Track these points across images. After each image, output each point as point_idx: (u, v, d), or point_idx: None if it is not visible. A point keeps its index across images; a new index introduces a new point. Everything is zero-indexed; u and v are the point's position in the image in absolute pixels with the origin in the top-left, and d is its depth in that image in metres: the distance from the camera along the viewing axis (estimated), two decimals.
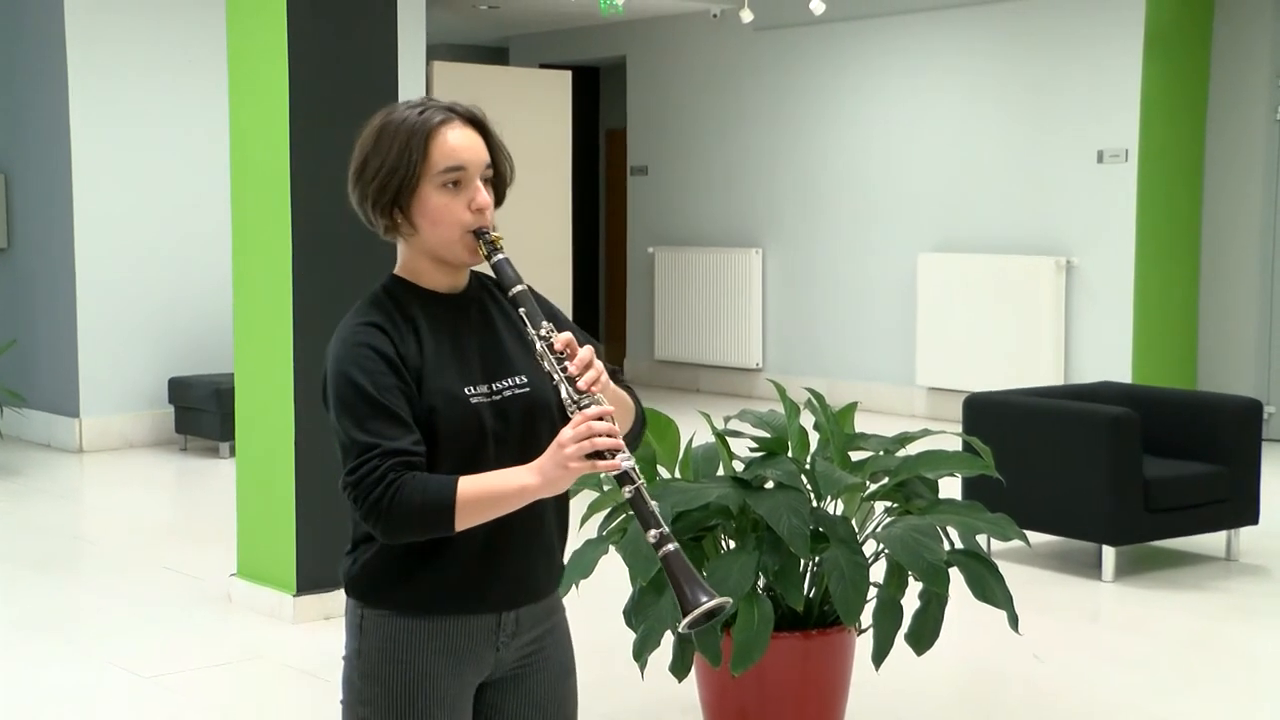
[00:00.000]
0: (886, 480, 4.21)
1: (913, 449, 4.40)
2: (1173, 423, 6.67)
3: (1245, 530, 6.78)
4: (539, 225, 10.95)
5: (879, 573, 4.08)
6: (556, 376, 2.26)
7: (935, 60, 10.83)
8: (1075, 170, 9.98)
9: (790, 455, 4.21)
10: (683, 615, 2.17)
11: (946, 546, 4.04)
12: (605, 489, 4.12)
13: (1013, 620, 3.99)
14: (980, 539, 5.38)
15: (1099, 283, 9.87)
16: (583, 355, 2.27)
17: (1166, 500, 6.28)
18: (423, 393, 2.29)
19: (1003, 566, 4.27)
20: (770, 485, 4.07)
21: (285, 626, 5.66)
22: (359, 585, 2.38)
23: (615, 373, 2.44)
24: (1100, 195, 9.86)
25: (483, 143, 2.36)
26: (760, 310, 11.97)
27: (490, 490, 2.23)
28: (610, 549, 4.10)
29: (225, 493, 7.10)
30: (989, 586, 3.97)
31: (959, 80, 10.69)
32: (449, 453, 2.29)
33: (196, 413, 9.22)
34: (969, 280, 10.41)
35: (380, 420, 2.23)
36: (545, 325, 2.29)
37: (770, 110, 11.90)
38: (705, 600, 2.16)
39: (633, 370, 12.96)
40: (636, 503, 2.22)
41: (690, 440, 4.36)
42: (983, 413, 6.57)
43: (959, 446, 5.85)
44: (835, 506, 4.24)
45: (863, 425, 4.91)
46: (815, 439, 4.35)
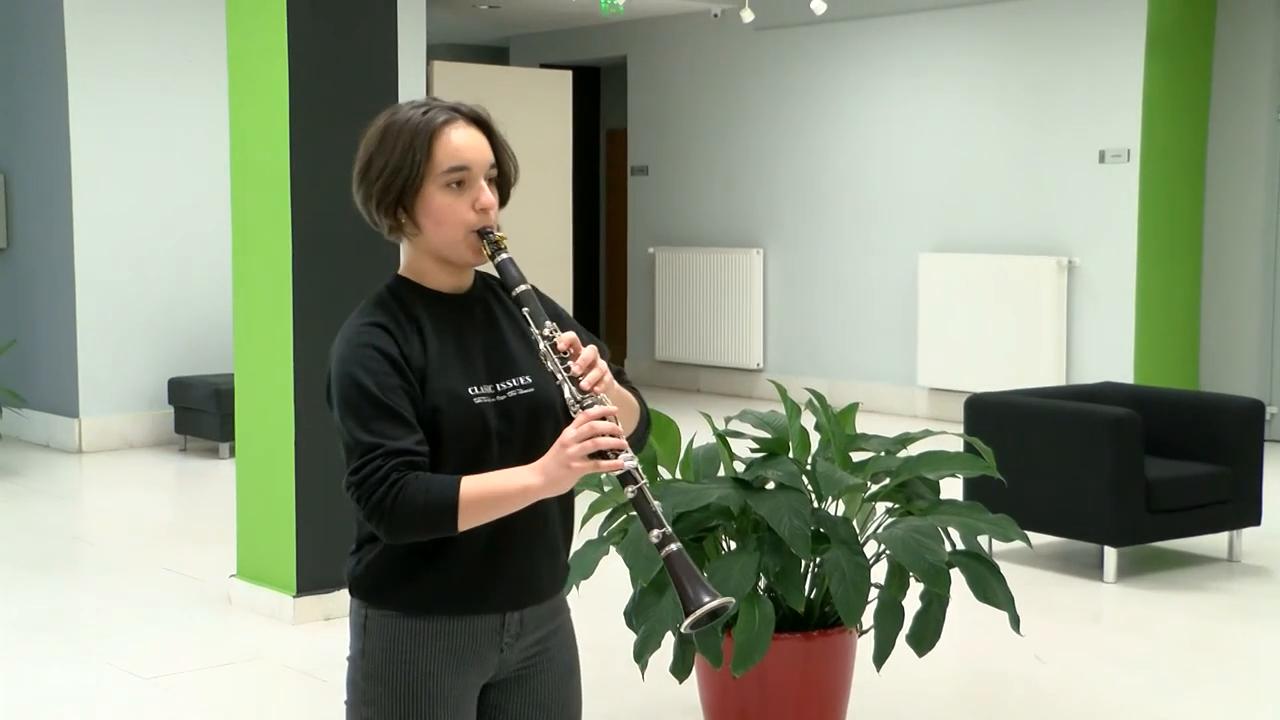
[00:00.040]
0: (888, 481, 4.21)
1: (914, 450, 4.39)
2: (1175, 423, 6.66)
3: (1247, 531, 6.77)
4: (539, 225, 10.94)
5: (880, 574, 4.08)
6: (560, 376, 2.26)
7: (936, 60, 10.82)
8: (1077, 170, 9.97)
9: (791, 456, 4.21)
10: (685, 615, 2.16)
11: (948, 547, 4.03)
12: (606, 489, 4.11)
13: (1014, 621, 3.99)
14: (982, 540, 5.37)
15: (1101, 283, 9.86)
16: (586, 355, 2.27)
17: (1168, 501, 6.27)
18: (426, 393, 2.29)
19: (1004, 567, 4.27)
20: (771, 486, 4.07)
21: (285, 627, 5.65)
22: (363, 585, 2.37)
23: (620, 373, 2.45)
24: (1102, 195, 9.84)
25: (487, 142, 2.36)
26: (761, 310, 11.96)
27: (493, 490, 2.23)
28: (611, 550, 4.09)
29: (225, 493, 7.09)
30: (990, 587, 3.96)
31: (960, 80, 10.68)
32: (453, 453, 2.29)
33: (196, 413, 9.21)
34: (970, 280, 10.40)
35: (384, 420, 2.24)
36: (549, 325, 2.29)
37: (771, 110, 11.89)
38: (708, 600, 2.16)
39: (633, 371, 12.95)
40: (639, 503, 2.22)
41: (691, 441, 4.35)
42: (984, 413, 6.56)
43: (960, 447, 5.84)
44: (836, 507, 4.23)
45: (864, 426, 4.90)
46: (816, 439, 4.35)
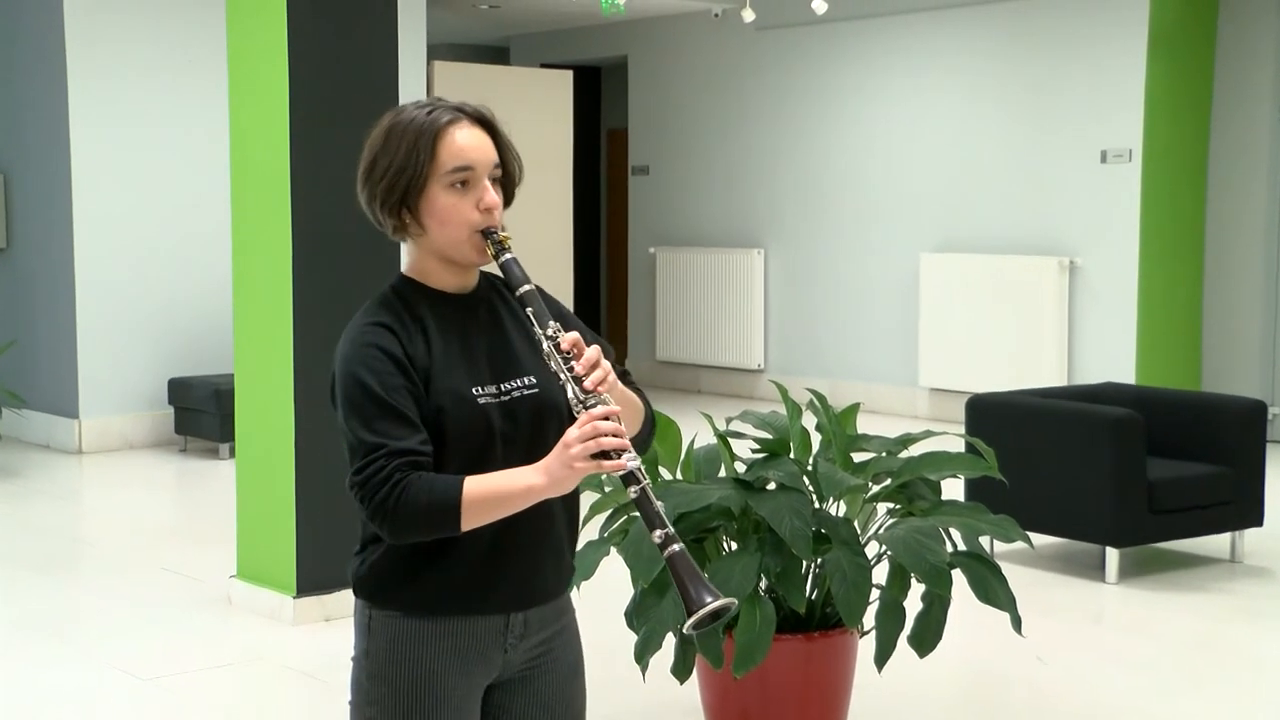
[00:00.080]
0: (889, 481, 4.21)
1: (915, 450, 4.39)
2: (1177, 424, 6.65)
3: (1250, 532, 6.76)
4: (540, 225, 10.93)
5: (881, 574, 4.07)
6: (563, 376, 2.26)
7: (938, 60, 10.81)
8: (1078, 170, 9.96)
9: (792, 456, 4.20)
10: (687, 616, 2.16)
11: (949, 548, 4.03)
12: (607, 490, 4.10)
13: (1016, 622, 3.99)
14: (983, 540, 5.36)
15: (1102, 283, 9.84)
16: (589, 355, 2.26)
17: (1170, 502, 6.26)
18: (430, 393, 2.29)
19: (1006, 568, 4.27)
20: (772, 486, 4.07)
21: (285, 628, 5.64)
22: (366, 586, 2.37)
23: (624, 374, 2.45)
24: (1104, 195, 9.83)
25: (491, 142, 2.36)
26: (762, 311, 11.95)
27: (496, 490, 2.23)
28: (612, 550, 4.08)
29: (225, 494, 7.08)
30: (992, 588, 3.96)
31: (962, 80, 10.66)
32: (457, 453, 2.29)
33: (196, 413, 9.20)
34: (972, 280, 10.39)
35: (387, 420, 2.24)
36: (552, 325, 2.29)
37: (772, 110, 11.88)
38: (710, 601, 2.15)
39: (634, 371, 12.90)
40: (642, 503, 2.22)
41: (692, 441, 4.34)
42: (985, 414, 6.55)
43: (962, 448, 5.83)
44: (837, 508, 4.23)
45: (865, 426, 4.89)
46: (817, 440, 4.34)
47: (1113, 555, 6.29)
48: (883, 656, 3.98)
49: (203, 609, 5.93)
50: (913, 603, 4.02)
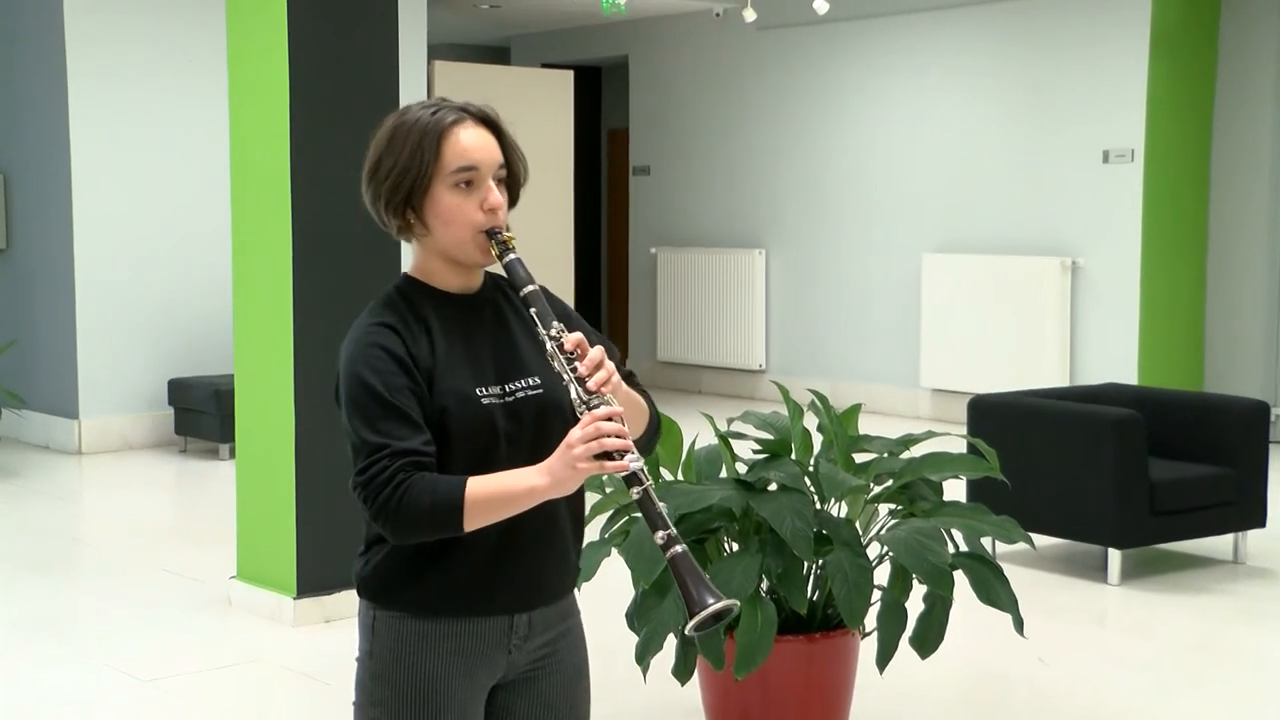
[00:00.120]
0: (890, 482, 4.20)
1: (917, 451, 4.38)
2: (1179, 424, 6.64)
3: (1252, 533, 6.74)
4: (541, 226, 10.92)
5: (883, 575, 4.06)
6: (566, 377, 2.26)
7: (940, 60, 10.80)
8: (1080, 170, 9.94)
9: (794, 457, 4.20)
10: (689, 617, 2.16)
11: (951, 549, 4.03)
12: (608, 491, 4.09)
13: (1018, 623, 3.99)
14: (985, 541, 5.35)
15: (1104, 283, 9.83)
16: (593, 355, 2.26)
17: (1172, 503, 6.25)
18: (434, 393, 2.29)
19: (1007, 569, 4.26)
20: (773, 487, 4.06)
21: (285, 629, 5.63)
22: (370, 586, 2.37)
23: (630, 376, 2.45)
24: (1106, 195, 9.82)
25: (495, 142, 2.36)
26: (763, 311, 11.93)
27: (499, 491, 2.23)
28: (613, 551, 4.07)
29: (225, 494, 7.07)
30: (994, 589, 3.96)
31: (963, 80, 10.65)
32: (460, 453, 2.29)
33: (196, 414, 9.19)
34: (973, 281, 10.38)
35: (391, 421, 2.24)
36: (556, 325, 2.29)
37: (773, 110, 11.87)
38: (712, 602, 2.15)
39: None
40: (644, 504, 2.21)
41: (693, 442, 4.34)
42: (987, 414, 6.53)
43: (963, 448, 5.83)
44: (839, 509, 4.22)
45: (866, 427, 4.89)
46: (819, 441, 4.33)
47: (1115, 556, 6.28)
48: (884, 658, 3.97)
49: (202, 610, 5.92)
50: (914, 604, 4.01)
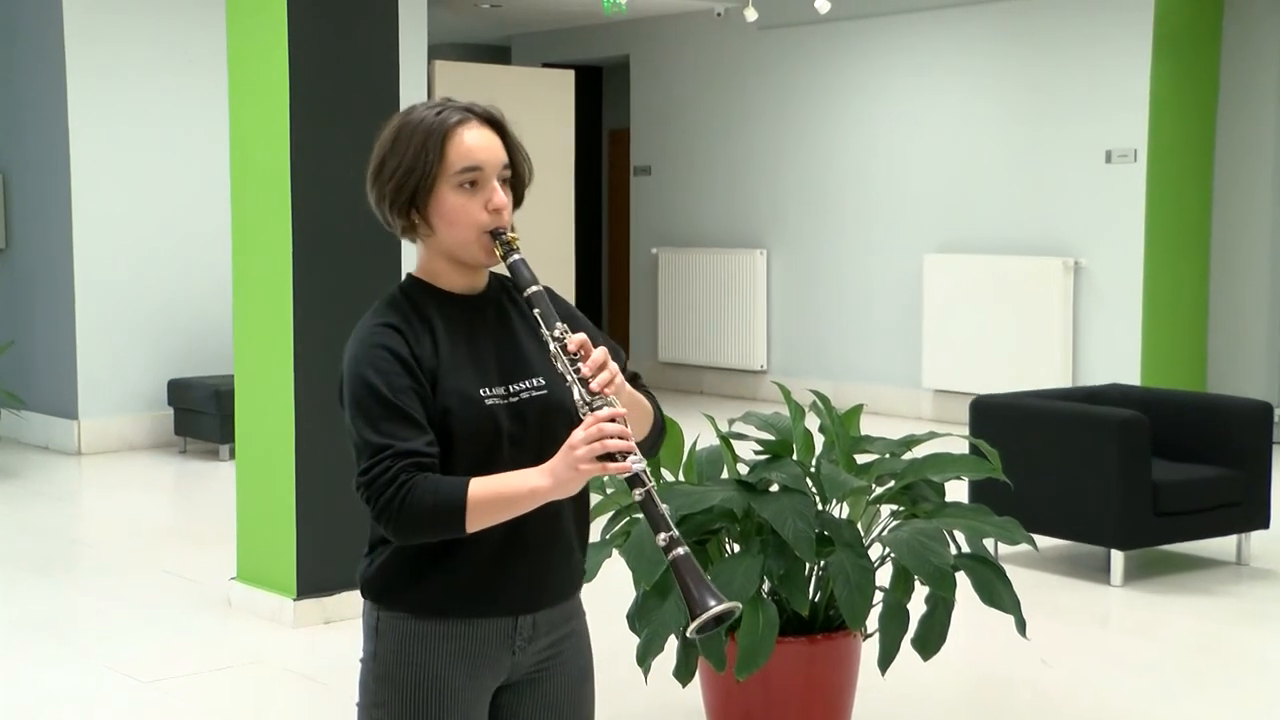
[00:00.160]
0: (892, 483, 4.20)
1: (919, 452, 4.38)
2: (1182, 425, 6.62)
3: (1256, 534, 6.72)
4: (541, 226, 10.91)
5: (885, 577, 4.06)
6: (569, 378, 2.26)
7: (942, 59, 10.78)
8: (1083, 170, 9.92)
9: (795, 458, 4.19)
10: (691, 619, 2.16)
11: (953, 550, 4.03)
12: (609, 492, 4.08)
13: (1020, 625, 3.99)
14: (987, 543, 5.35)
15: (1107, 284, 9.81)
16: (596, 357, 2.26)
17: (1176, 504, 6.23)
18: (437, 394, 2.29)
19: (1010, 571, 4.26)
20: (775, 488, 4.06)
21: (285, 631, 5.62)
22: (374, 587, 2.37)
23: (635, 378, 2.46)
24: (1108, 195, 9.80)
25: (500, 143, 2.36)
26: (765, 312, 11.92)
27: (502, 492, 2.23)
28: (614, 552, 4.06)
29: (225, 495, 7.06)
30: (996, 591, 3.96)
31: (965, 79, 10.63)
32: (464, 454, 2.29)
33: (196, 415, 9.17)
34: (975, 281, 10.36)
35: (394, 421, 2.24)
36: (559, 326, 2.29)
37: (775, 110, 11.85)
38: (714, 604, 2.15)
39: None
40: (647, 505, 2.21)
41: (694, 443, 4.33)
42: (990, 415, 6.52)
43: (965, 449, 5.81)
44: (841, 510, 4.22)
45: (868, 428, 4.88)
46: (820, 442, 4.33)
47: (1118, 558, 6.26)
48: (886, 659, 3.96)
49: (202, 611, 5.90)
50: (916, 605, 4.01)
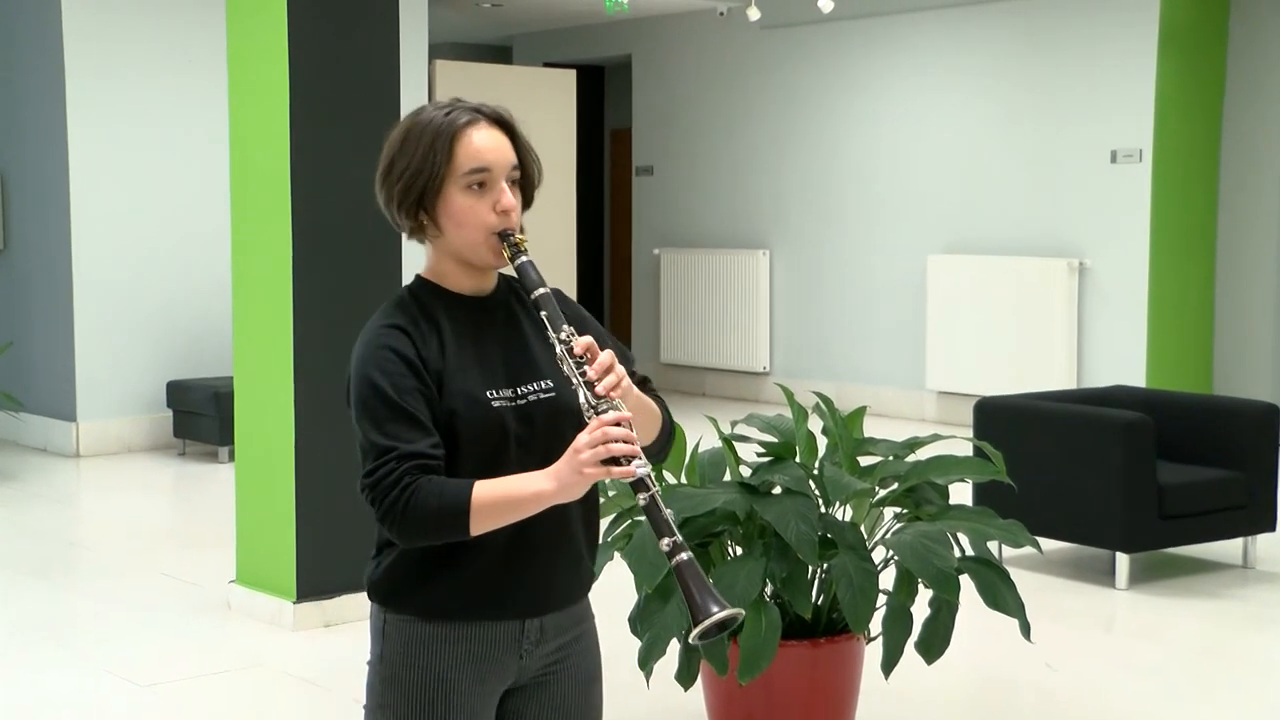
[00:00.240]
0: (896, 486, 4.20)
1: (922, 454, 4.38)
2: (1188, 427, 6.59)
3: (1262, 537, 6.69)
4: (542, 226, 10.88)
5: (888, 580, 4.05)
6: (575, 381, 2.25)
7: (945, 59, 10.76)
8: (1088, 170, 9.89)
9: (798, 460, 4.19)
10: (693, 625, 2.15)
11: (957, 553, 4.03)
12: (611, 494, 4.06)
13: (1024, 628, 3.98)
14: (991, 545, 5.32)
15: (1112, 285, 9.78)
16: (602, 360, 2.26)
17: (1181, 506, 6.20)
18: (444, 395, 2.29)
19: (1014, 573, 4.27)
20: (778, 491, 4.06)
21: (285, 634, 5.60)
22: (380, 589, 2.37)
23: (644, 381, 2.45)
24: (1114, 196, 9.77)
25: (509, 144, 2.36)
26: (767, 313, 11.89)
27: (505, 495, 2.22)
28: (616, 555, 4.05)
29: (224, 498, 7.04)
30: (1000, 594, 3.96)
31: (969, 79, 10.61)
32: (470, 456, 2.29)
33: (195, 417, 9.14)
34: (979, 282, 10.33)
35: (399, 423, 2.24)
36: (566, 329, 2.29)
37: (777, 109, 11.83)
38: (717, 611, 2.14)
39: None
40: (651, 510, 2.21)
41: (697, 445, 4.33)
42: (994, 417, 6.51)
43: (969, 451, 5.79)
44: (844, 512, 4.22)
45: (872, 430, 4.88)
46: (824, 444, 4.33)
47: (1123, 560, 6.23)
48: (890, 662, 3.95)
49: (201, 614, 5.88)
50: (920, 608, 4.00)
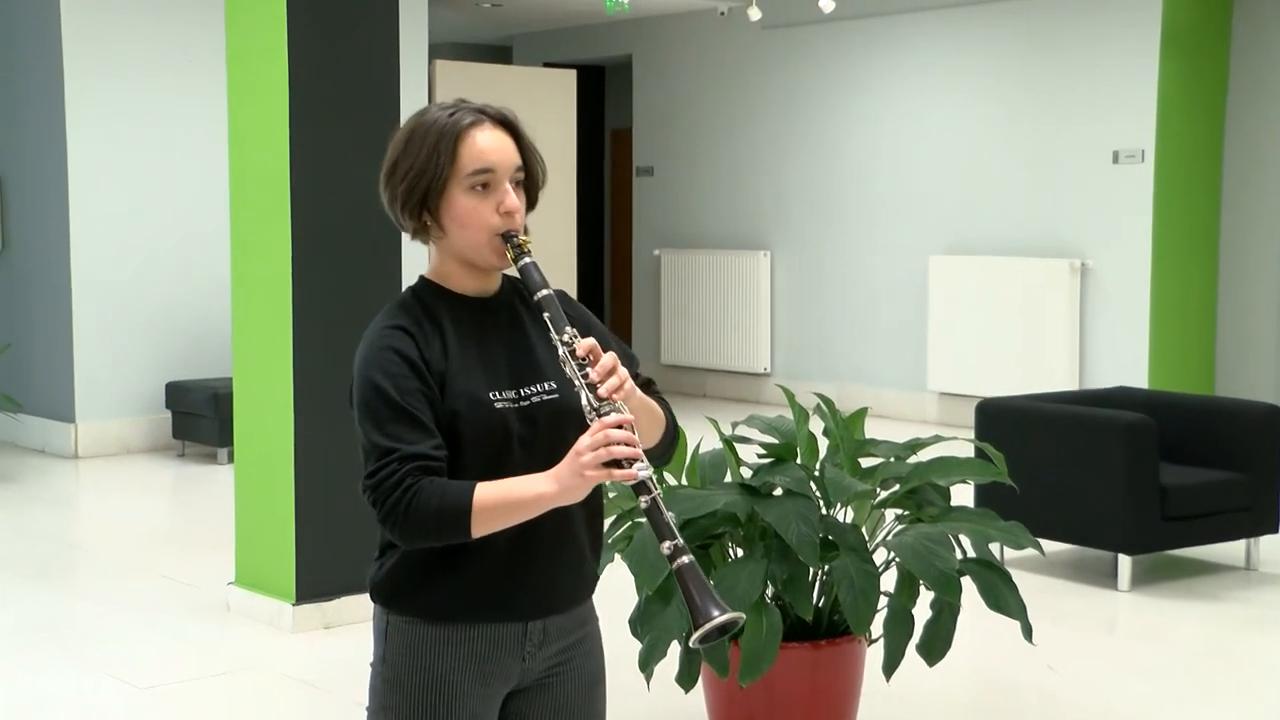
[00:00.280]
0: (897, 487, 4.20)
1: (924, 455, 4.39)
2: (1190, 429, 6.58)
3: (1265, 539, 6.67)
4: (543, 227, 10.79)
5: (890, 581, 4.04)
6: (578, 383, 2.25)
7: (946, 58, 10.74)
8: (1090, 170, 9.88)
9: (799, 462, 4.19)
10: (694, 629, 2.15)
11: (959, 555, 4.03)
12: (611, 495, 4.04)
13: (1026, 630, 3.98)
14: (993, 547, 5.31)
15: (1115, 286, 9.76)
16: (604, 362, 2.25)
17: (1184, 508, 6.19)
18: (446, 396, 2.29)
19: (1016, 575, 4.28)
20: (779, 492, 4.06)
21: (284, 636, 5.58)
22: (383, 591, 2.37)
23: (649, 383, 2.46)
24: (1116, 196, 9.75)
25: (513, 145, 2.36)
26: (768, 314, 11.88)
27: (506, 497, 2.22)
28: (616, 557, 4.04)
29: (223, 499, 7.04)
30: (1002, 596, 3.96)
31: (971, 79, 10.59)
32: (473, 457, 2.29)
33: (194, 418, 9.13)
34: (981, 283, 10.31)
35: (401, 424, 2.24)
36: (569, 331, 2.29)
37: (778, 110, 11.81)
38: (718, 615, 2.14)
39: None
40: (652, 513, 2.20)
41: (697, 446, 4.33)
42: (995, 418, 6.50)
43: (971, 453, 5.77)
44: (845, 514, 4.22)
45: (873, 431, 4.88)
46: (825, 445, 4.33)
47: (1125, 562, 6.22)
48: (891, 665, 3.95)
49: (200, 616, 5.87)
50: (922, 610, 3.99)
